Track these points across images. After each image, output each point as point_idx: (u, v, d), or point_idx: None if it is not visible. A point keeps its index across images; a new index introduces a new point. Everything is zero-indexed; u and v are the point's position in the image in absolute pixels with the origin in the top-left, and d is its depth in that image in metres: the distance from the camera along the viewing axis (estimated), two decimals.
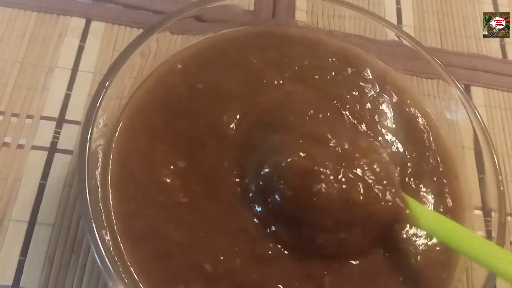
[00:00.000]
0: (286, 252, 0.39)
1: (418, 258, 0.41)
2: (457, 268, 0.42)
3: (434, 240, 0.42)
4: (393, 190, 0.39)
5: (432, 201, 0.44)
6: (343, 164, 0.38)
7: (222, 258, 0.38)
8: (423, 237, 0.42)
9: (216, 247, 0.39)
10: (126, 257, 0.38)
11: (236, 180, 0.41)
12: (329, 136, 0.40)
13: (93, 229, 0.35)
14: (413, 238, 0.42)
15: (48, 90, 0.52)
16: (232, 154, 0.42)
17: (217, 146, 0.42)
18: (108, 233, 0.38)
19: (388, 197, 0.38)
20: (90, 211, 0.35)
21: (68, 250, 0.45)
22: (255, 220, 0.40)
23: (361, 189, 0.37)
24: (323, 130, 0.41)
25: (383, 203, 0.38)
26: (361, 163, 0.39)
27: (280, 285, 0.38)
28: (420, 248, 0.42)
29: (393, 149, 0.46)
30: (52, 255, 0.45)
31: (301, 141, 0.40)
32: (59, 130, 0.50)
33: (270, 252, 0.39)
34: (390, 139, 0.46)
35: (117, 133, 0.42)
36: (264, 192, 0.39)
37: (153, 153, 0.41)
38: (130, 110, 0.43)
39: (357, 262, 0.40)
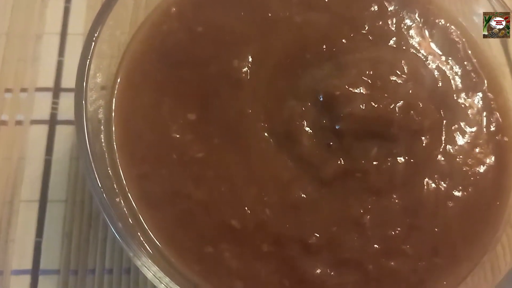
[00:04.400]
0: (321, 193, 0.36)
1: (468, 187, 0.38)
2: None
3: (485, 167, 0.39)
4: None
5: (484, 119, 0.41)
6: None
7: (249, 211, 0.35)
8: (472, 164, 0.38)
9: (242, 200, 0.36)
10: (145, 224, 0.35)
11: (264, 125, 0.37)
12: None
13: (104, 199, 0.32)
14: (460, 166, 0.38)
15: (39, 59, 0.48)
16: (254, 101, 0.38)
17: (233, 94, 0.38)
18: (122, 201, 0.34)
19: None
20: (98, 179, 0.32)
21: (85, 226, 0.42)
22: (289, 162, 0.37)
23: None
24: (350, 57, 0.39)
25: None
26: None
27: (316, 234, 0.35)
28: (469, 175, 0.38)
29: (429, 63, 0.41)
30: (69, 232, 0.42)
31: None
32: (57, 101, 0.47)
33: (304, 196, 0.36)
34: (424, 53, 0.42)
35: (116, 91, 0.38)
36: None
37: (158, 109, 0.38)
38: (127, 65, 0.39)
39: (398, 194, 0.37)
